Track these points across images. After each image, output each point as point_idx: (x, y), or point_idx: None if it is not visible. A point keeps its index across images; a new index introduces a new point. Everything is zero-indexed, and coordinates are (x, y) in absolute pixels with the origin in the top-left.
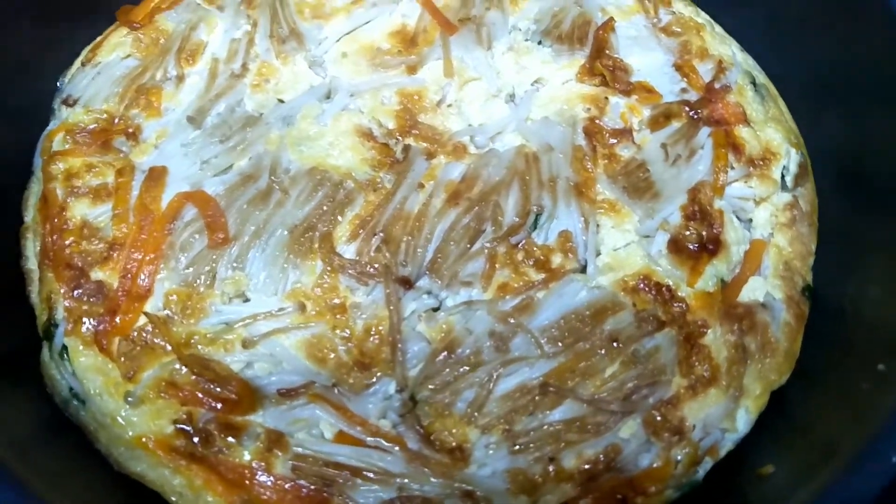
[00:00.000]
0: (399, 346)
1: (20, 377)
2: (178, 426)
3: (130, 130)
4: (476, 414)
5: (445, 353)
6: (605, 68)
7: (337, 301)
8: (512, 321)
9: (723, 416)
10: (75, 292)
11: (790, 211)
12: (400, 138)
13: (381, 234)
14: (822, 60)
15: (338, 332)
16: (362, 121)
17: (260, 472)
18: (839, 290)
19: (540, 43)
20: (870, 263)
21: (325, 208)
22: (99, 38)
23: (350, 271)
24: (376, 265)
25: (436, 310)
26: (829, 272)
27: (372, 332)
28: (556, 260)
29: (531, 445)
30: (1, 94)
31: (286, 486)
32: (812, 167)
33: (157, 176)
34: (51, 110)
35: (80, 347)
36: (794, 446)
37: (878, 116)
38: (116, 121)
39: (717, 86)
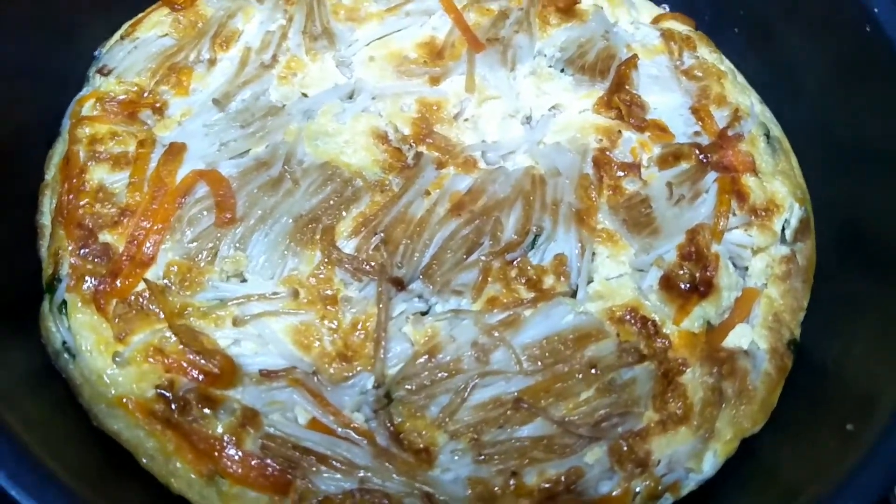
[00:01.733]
0: (383, 343)
1: (19, 324)
2: (159, 391)
3: (157, 105)
4: (447, 419)
5: (427, 356)
6: (622, 102)
7: (329, 292)
8: (496, 334)
9: (689, 456)
10: (82, 251)
11: (786, 264)
12: (413, 145)
13: (382, 235)
14: (838, 121)
15: (326, 322)
16: (380, 124)
17: (230, 446)
18: (825, 348)
19: (563, 71)
20: (857, 326)
21: (331, 202)
22: (141, 15)
23: (346, 265)
24: (373, 263)
25: (424, 314)
26: (818, 329)
27: (359, 327)
28: (548, 281)
29: (496, 457)
30: (43, 58)
31: (253, 462)
32: (816, 225)
33: (176, 151)
34: (85, 77)
35: (79, 304)
36: (757, 494)
37: (885, 183)
38: (146, 94)
39: (730, 133)
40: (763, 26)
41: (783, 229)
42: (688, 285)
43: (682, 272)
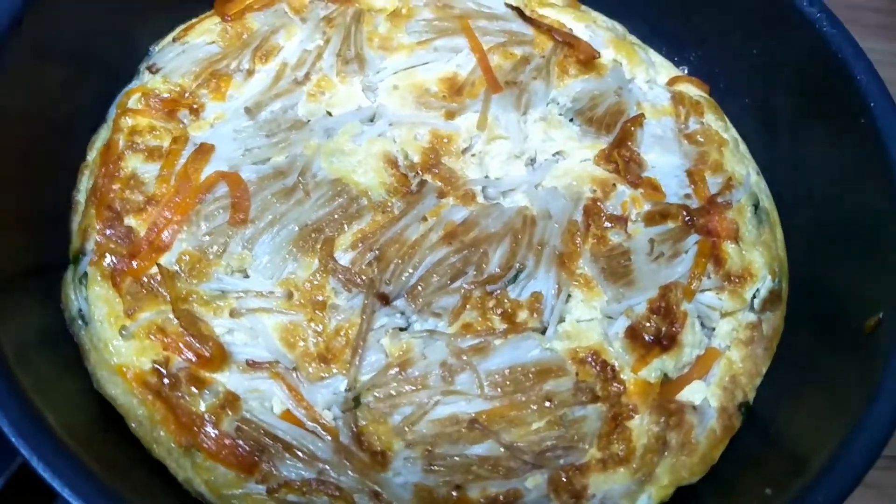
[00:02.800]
0: (360, 351)
1: (44, 288)
2: (155, 366)
3: (195, 106)
4: (407, 429)
5: (398, 369)
6: (621, 158)
7: (320, 298)
8: (464, 358)
9: (623, 495)
10: (107, 231)
11: (752, 331)
12: (420, 173)
13: (377, 252)
14: (825, 200)
15: (313, 325)
16: (392, 149)
17: (209, 424)
18: (774, 413)
19: (571, 120)
20: (807, 399)
21: (336, 216)
22: (193, 21)
23: (340, 276)
24: (364, 277)
25: (402, 330)
26: (772, 395)
27: (341, 334)
28: (522, 315)
29: (444, 469)
30: (104, 48)
31: (226, 441)
32: (791, 297)
33: (204, 151)
34: (136, 72)
35: (98, 278)
36: None
37: (854, 262)
38: (186, 95)
39: (719, 200)
40: (770, 103)
41: (753, 298)
42: (652, 338)
43: (648, 325)
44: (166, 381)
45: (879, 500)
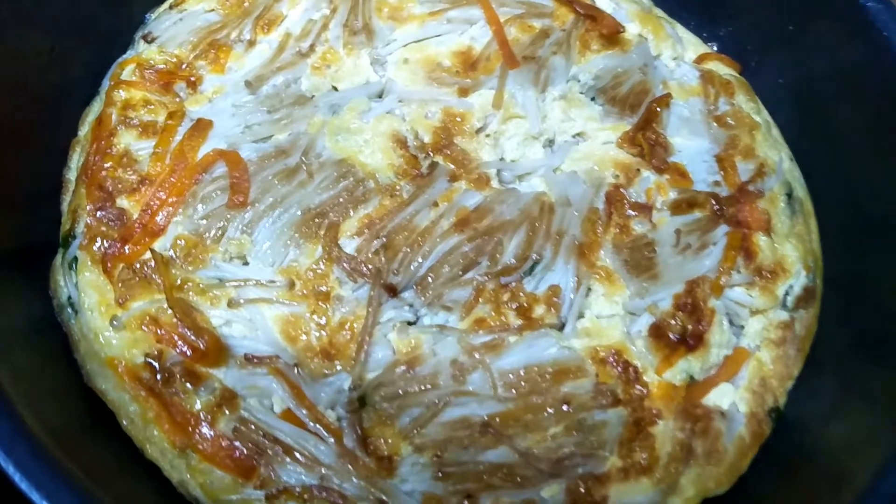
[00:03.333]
0: (365, 347)
1: (32, 272)
2: (148, 360)
3: (192, 79)
4: (415, 432)
5: (405, 367)
6: (646, 141)
7: (324, 289)
8: (477, 356)
9: None
10: (99, 213)
11: (783, 330)
12: (431, 154)
13: (384, 239)
14: (868, 195)
15: (315, 317)
16: (402, 128)
17: (204, 424)
18: (807, 422)
19: (593, 99)
20: (843, 406)
21: (341, 200)
22: None
23: (345, 265)
24: (370, 266)
25: (411, 324)
26: (805, 401)
27: (346, 327)
28: (539, 311)
29: (455, 477)
30: (95, 13)
31: (223, 443)
32: (824, 294)
33: (202, 127)
34: (131, 40)
35: (88, 263)
36: None
37: None
38: (183, 66)
39: (750, 188)
40: (805, 84)
41: (786, 294)
42: (677, 337)
43: (673, 322)
44: (160, 376)
45: None
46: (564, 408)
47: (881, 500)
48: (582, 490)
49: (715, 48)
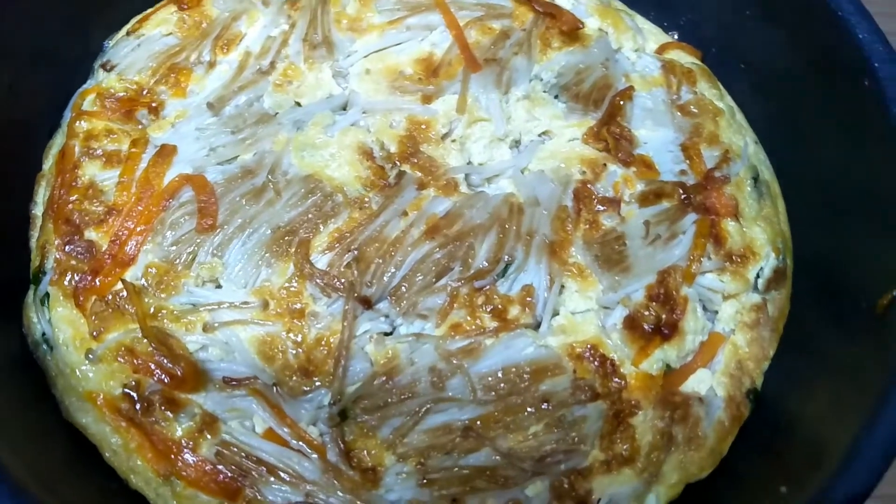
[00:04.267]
0: (343, 361)
1: (4, 311)
2: (126, 391)
3: (154, 105)
4: (397, 441)
5: (384, 377)
6: (611, 135)
7: (298, 306)
8: (454, 361)
9: (631, 497)
10: (67, 247)
11: (756, 313)
12: (398, 163)
13: (355, 252)
14: (832, 173)
15: (291, 335)
16: (367, 140)
17: (186, 450)
18: (783, 401)
19: (556, 97)
20: (818, 384)
21: (310, 216)
22: (148, 11)
23: (318, 280)
24: (343, 280)
25: (387, 334)
26: (781, 380)
27: (322, 343)
28: (513, 311)
29: (440, 483)
30: (53, 43)
31: (206, 468)
32: (796, 274)
33: (166, 153)
34: (91, 69)
35: (60, 298)
36: None
37: (872, 242)
38: (144, 92)
39: (716, 174)
40: (767, 66)
41: (757, 277)
42: (652, 327)
43: (647, 313)
44: (139, 405)
45: None
46: (544, 406)
47: (860, 472)
48: (566, 486)
49: (675, 37)
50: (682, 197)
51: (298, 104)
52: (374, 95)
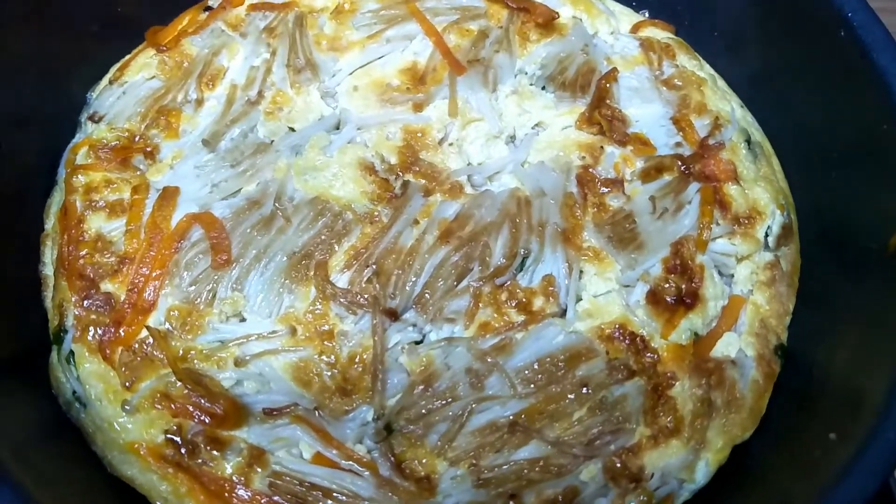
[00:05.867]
0: (380, 376)
1: (29, 376)
2: (169, 436)
3: (149, 149)
4: (446, 447)
5: (423, 386)
6: (603, 118)
7: (326, 327)
8: (489, 360)
9: (681, 467)
10: (85, 302)
11: (770, 270)
12: (401, 174)
13: (374, 266)
14: (817, 124)
15: (324, 357)
16: (366, 155)
17: (239, 486)
18: (811, 352)
19: (544, 88)
20: (841, 330)
21: (323, 237)
22: (127, 57)
23: (341, 300)
24: (366, 296)
25: (418, 343)
26: (804, 332)
27: (356, 360)
28: (538, 303)
29: (494, 481)
30: (35, 102)
31: (262, 501)
32: (800, 228)
33: (169, 196)
34: (78, 123)
35: (86, 354)
36: (749, 499)
37: (865, 185)
38: (137, 139)
39: (711, 142)
40: (740, 30)
41: (766, 236)
42: (674, 298)
43: (667, 285)
44: (184, 449)
45: None
46: (584, 390)
47: None
48: (618, 465)
49: (647, 15)
50: (682, 168)
51: (292, 129)
52: (366, 111)
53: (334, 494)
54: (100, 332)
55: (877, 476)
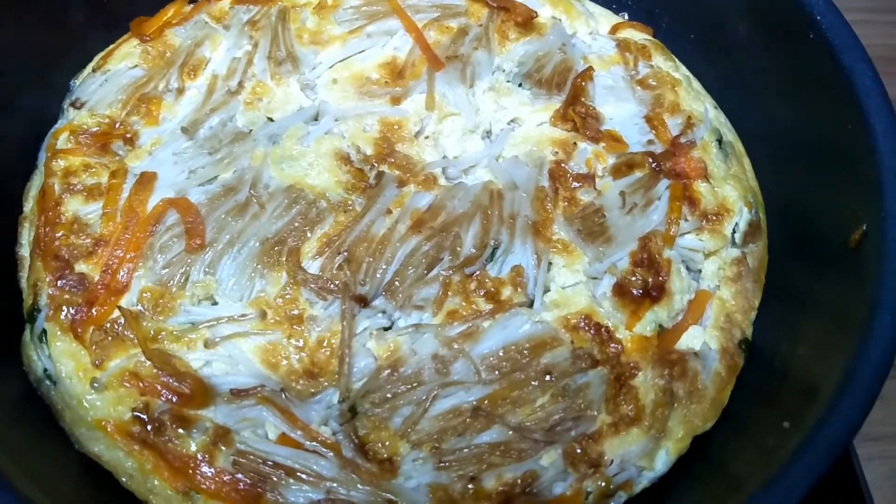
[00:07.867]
0: (347, 360)
1: (2, 355)
2: (136, 414)
3: (128, 136)
4: (410, 430)
5: (389, 370)
6: (577, 115)
7: (296, 312)
8: (455, 346)
9: (641, 455)
10: (59, 282)
11: (737, 266)
12: (376, 164)
13: (345, 254)
14: (788, 124)
15: (292, 341)
16: (342, 145)
17: (203, 464)
18: (774, 346)
19: (520, 85)
20: (804, 325)
21: (296, 224)
22: (111, 47)
23: (312, 285)
24: (337, 282)
25: (387, 329)
26: (769, 328)
27: (324, 345)
28: (506, 293)
29: (455, 464)
30: (19, 90)
31: (225, 478)
32: (770, 225)
33: (146, 181)
34: (60, 109)
35: (58, 333)
36: (707, 489)
37: (833, 185)
38: (117, 125)
39: (682, 140)
40: (715, 33)
41: (733, 232)
42: (640, 291)
43: (634, 278)
44: (150, 427)
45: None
46: (547, 378)
47: (853, 400)
48: (578, 451)
49: (626, 17)
50: (653, 165)
51: (271, 119)
52: (344, 103)
53: (297, 474)
54: (72, 311)
55: (823, 462)
